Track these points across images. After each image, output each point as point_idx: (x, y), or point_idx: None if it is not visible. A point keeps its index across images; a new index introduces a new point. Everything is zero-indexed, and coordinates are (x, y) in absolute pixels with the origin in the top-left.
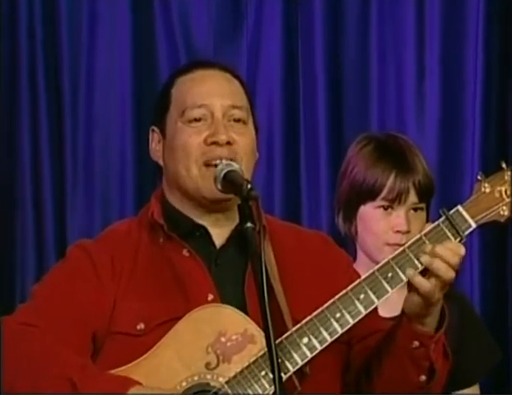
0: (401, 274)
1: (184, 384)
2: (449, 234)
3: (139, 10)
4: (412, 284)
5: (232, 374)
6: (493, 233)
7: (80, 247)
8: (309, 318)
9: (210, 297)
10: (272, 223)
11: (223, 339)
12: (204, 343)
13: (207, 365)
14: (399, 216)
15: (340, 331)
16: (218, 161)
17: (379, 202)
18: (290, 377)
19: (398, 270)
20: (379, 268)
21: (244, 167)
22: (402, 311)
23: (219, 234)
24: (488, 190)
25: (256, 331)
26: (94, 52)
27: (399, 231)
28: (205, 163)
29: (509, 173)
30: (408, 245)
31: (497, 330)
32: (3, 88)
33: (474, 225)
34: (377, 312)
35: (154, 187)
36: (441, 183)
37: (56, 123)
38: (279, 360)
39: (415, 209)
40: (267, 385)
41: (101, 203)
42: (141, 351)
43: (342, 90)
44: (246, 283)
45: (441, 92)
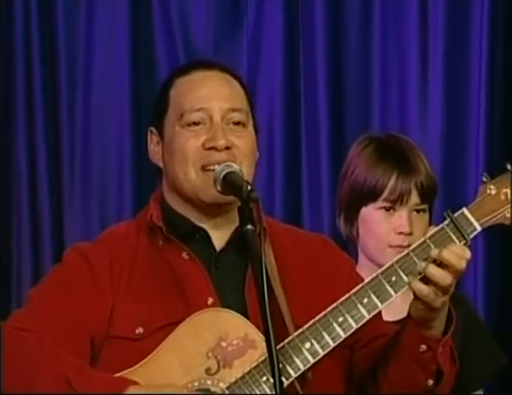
0: (405, 278)
1: (185, 391)
2: (454, 237)
3: (137, 7)
4: (412, 290)
5: (233, 380)
6: (497, 236)
7: (77, 250)
8: (311, 323)
9: (210, 301)
10: (273, 225)
11: (224, 344)
12: (204, 348)
13: (208, 370)
14: (401, 218)
15: (343, 335)
16: (216, 166)
17: (381, 203)
18: (292, 382)
19: (402, 274)
20: (383, 272)
21: (244, 169)
22: (407, 315)
23: (219, 236)
24: (493, 192)
25: (257, 335)
26: (91, 51)
27: (401, 233)
28: (202, 167)
29: None
30: (412, 248)
31: (502, 334)
32: None
33: (479, 228)
34: (381, 316)
35: (152, 188)
36: (445, 184)
37: (53, 123)
38: (280, 366)
39: (417, 210)
40: (268, 391)
41: (99, 204)
42: (140, 356)
43: (344, 89)
44: (246, 287)
45: (445, 92)
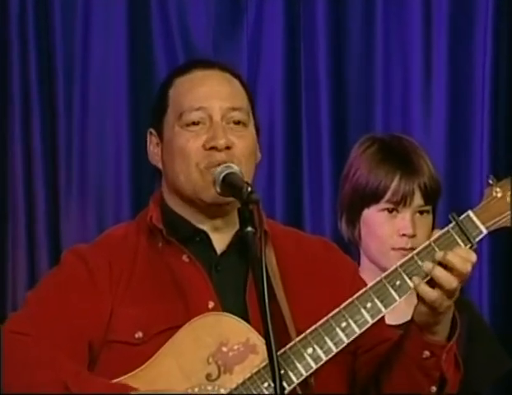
0: (409, 282)
1: None
2: (459, 240)
3: (135, 7)
4: (417, 293)
5: (234, 386)
6: (503, 239)
7: (75, 252)
8: (313, 328)
9: (211, 305)
10: (274, 228)
11: (224, 349)
12: (205, 353)
13: (208, 376)
14: (404, 219)
15: (346, 341)
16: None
17: (384, 205)
18: (294, 388)
19: (407, 278)
20: (387, 276)
21: (244, 170)
22: (411, 320)
23: (219, 239)
24: (500, 195)
25: (258, 340)
26: (89, 50)
27: (405, 235)
28: (206, 167)
29: None
30: (417, 252)
31: (507, 338)
32: None
33: (485, 232)
34: (384, 320)
35: (151, 188)
36: (449, 186)
37: (50, 123)
38: (282, 371)
39: (421, 212)
40: None
41: (96, 205)
42: (139, 361)
43: (346, 90)
44: (248, 290)
45: (448, 94)
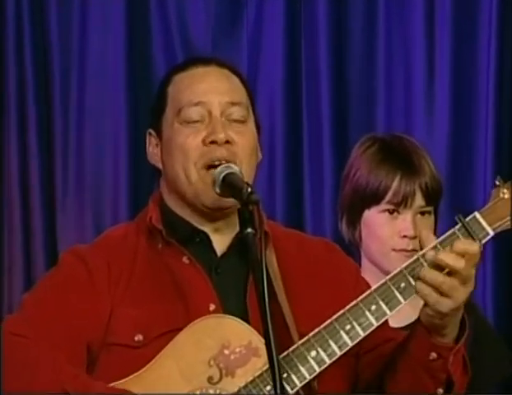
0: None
1: None
2: None
3: (133, 4)
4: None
5: (236, 389)
6: (508, 242)
7: (74, 253)
8: (317, 330)
9: (212, 307)
10: (275, 229)
11: (226, 351)
12: (206, 356)
13: (210, 379)
14: (405, 221)
15: (350, 344)
16: (218, 163)
17: (384, 206)
18: (297, 392)
19: (412, 280)
20: (392, 278)
21: (244, 170)
22: (418, 321)
23: (220, 240)
24: (507, 196)
25: (261, 343)
26: (86, 48)
27: (406, 236)
28: (204, 165)
29: None
30: (422, 253)
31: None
32: None
33: (492, 233)
34: (386, 321)
35: (149, 188)
36: (452, 186)
37: (46, 121)
38: (285, 375)
39: (422, 213)
40: None
41: (93, 205)
42: (139, 364)
43: (348, 90)
44: (248, 293)
45: (451, 93)
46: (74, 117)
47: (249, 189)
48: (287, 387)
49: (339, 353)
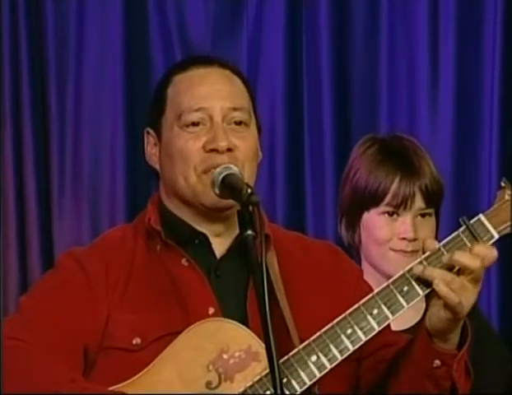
0: (417, 288)
1: None
2: (470, 244)
3: (132, 3)
4: (439, 296)
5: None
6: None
7: (71, 255)
8: (318, 335)
9: (211, 311)
10: (277, 232)
11: (225, 356)
12: (205, 360)
13: (208, 384)
14: (405, 223)
15: (351, 348)
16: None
17: (383, 208)
18: None
19: (415, 283)
20: (394, 281)
21: (246, 173)
22: (421, 327)
23: (219, 243)
24: None
25: (261, 347)
26: (83, 48)
27: (405, 238)
28: (204, 171)
29: None
30: (426, 257)
31: None
32: None
33: (497, 236)
34: (388, 324)
35: (147, 193)
36: (456, 188)
37: (42, 122)
38: (285, 380)
39: (422, 215)
40: None
41: (90, 206)
42: (137, 368)
43: (350, 90)
44: (248, 297)
45: (456, 93)
46: (71, 119)
47: (249, 190)
48: (287, 392)
49: (340, 358)
